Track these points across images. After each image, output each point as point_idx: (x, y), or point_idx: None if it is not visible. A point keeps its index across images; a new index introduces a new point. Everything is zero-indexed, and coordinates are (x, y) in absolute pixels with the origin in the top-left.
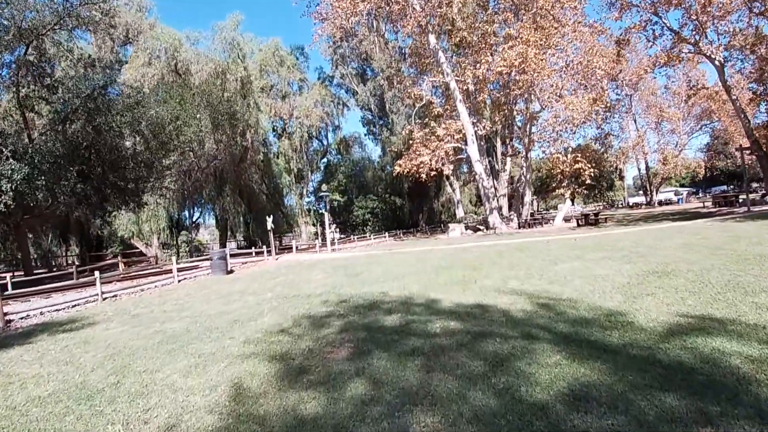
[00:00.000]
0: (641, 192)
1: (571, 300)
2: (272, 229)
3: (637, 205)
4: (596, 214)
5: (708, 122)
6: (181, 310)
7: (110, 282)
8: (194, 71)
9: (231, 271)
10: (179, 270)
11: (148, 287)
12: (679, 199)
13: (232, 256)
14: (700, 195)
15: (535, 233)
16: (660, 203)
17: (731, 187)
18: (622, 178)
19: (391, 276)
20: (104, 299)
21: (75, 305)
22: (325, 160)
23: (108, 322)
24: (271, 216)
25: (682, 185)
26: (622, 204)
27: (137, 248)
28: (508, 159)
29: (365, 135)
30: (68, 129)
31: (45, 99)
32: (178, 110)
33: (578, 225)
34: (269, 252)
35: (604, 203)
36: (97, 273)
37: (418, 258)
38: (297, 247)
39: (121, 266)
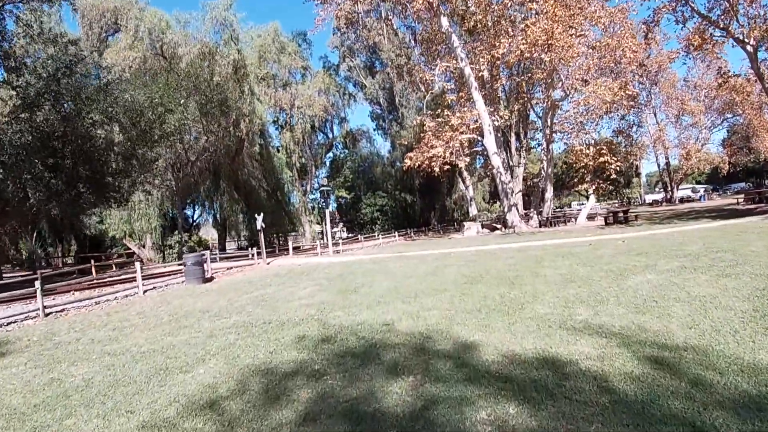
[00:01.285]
0: (657, 189)
1: (695, 349)
2: (263, 228)
3: (656, 203)
4: (625, 212)
5: (731, 116)
6: (111, 341)
7: (68, 291)
8: (182, 54)
9: (210, 279)
10: (151, 276)
11: (107, 299)
12: (701, 197)
13: (222, 258)
14: (720, 192)
15: (560, 233)
16: (680, 200)
17: (749, 184)
18: (638, 174)
19: (400, 293)
20: (48, 314)
21: (12, 322)
22: (330, 154)
23: (17, 354)
24: (261, 214)
25: (698, 182)
26: (638, 202)
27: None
28: (523, 154)
29: (374, 130)
30: (36, 117)
31: (9, 83)
32: (159, 95)
33: (606, 223)
34: (261, 255)
35: (620, 201)
36: (37, 283)
37: (435, 265)
38: (294, 249)
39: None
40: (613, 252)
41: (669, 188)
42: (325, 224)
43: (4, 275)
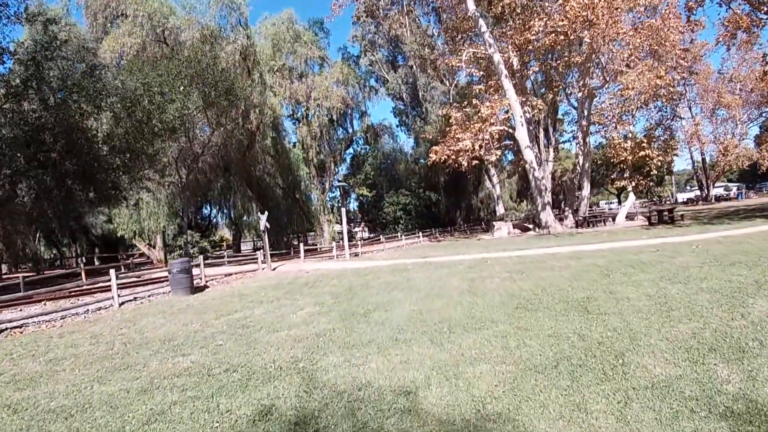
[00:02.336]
0: (688, 187)
1: None
2: (267, 229)
3: (691, 201)
4: (671, 210)
5: None
6: (28, 383)
7: (41, 301)
8: (184, 39)
9: (201, 288)
10: (139, 284)
11: (77, 311)
12: (738, 195)
13: (230, 261)
14: (754, 190)
15: (602, 234)
16: (716, 198)
17: None
18: (670, 172)
19: (428, 324)
20: None
21: None
22: (351, 150)
23: None
24: (265, 213)
25: (729, 180)
26: (669, 200)
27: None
28: (551, 150)
29: (397, 126)
30: (22, 107)
31: None
32: (158, 82)
33: (650, 223)
34: (266, 259)
35: (649, 200)
36: None
37: (470, 276)
38: (308, 251)
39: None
40: (695, 261)
41: (705, 186)
42: (342, 224)
43: None
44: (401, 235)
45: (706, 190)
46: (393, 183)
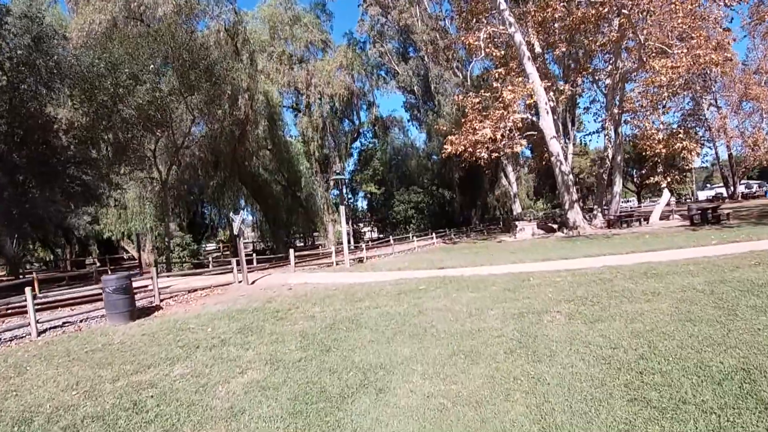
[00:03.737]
0: (708, 185)
1: None
2: (241, 233)
3: (717, 199)
4: (715, 209)
5: None
6: None
7: None
8: (161, 15)
9: (149, 310)
10: (82, 302)
11: None
12: (767, 191)
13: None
14: None
15: (644, 236)
16: (743, 196)
17: None
18: (689, 168)
19: None
20: None
21: None
22: (358, 144)
23: None
24: (240, 214)
25: (749, 177)
26: (689, 198)
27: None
28: (570, 145)
29: (408, 121)
30: None
31: None
32: (125, 60)
33: (692, 223)
34: (241, 270)
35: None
36: None
37: (516, 310)
38: (303, 257)
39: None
40: None
41: (731, 183)
42: (341, 225)
43: None
44: (413, 236)
45: (732, 187)
46: (404, 180)
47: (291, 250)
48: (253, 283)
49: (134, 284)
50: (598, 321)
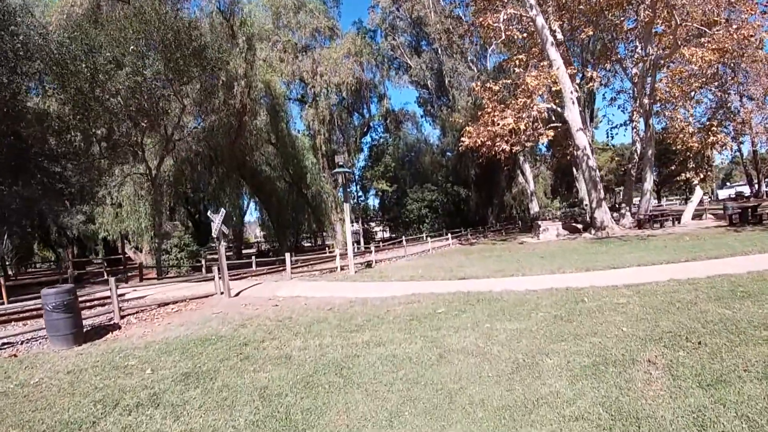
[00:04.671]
0: (728, 183)
1: None
2: (222, 236)
3: (741, 197)
4: (755, 208)
5: None
6: None
7: None
8: None
9: (103, 330)
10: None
11: None
12: None
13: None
14: None
15: (684, 238)
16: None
17: None
18: (711, 165)
19: None
20: None
21: None
22: (368, 139)
23: None
24: (221, 212)
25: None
26: (709, 197)
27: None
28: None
29: (421, 116)
30: None
31: None
32: (101, 40)
33: (731, 224)
34: (222, 279)
35: (685, 198)
36: None
37: (587, 359)
38: (303, 262)
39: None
40: None
41: (756, 181)
42: (345, 226)
43: None
44: (426, 237)
45: (757, 185)
46: (417, 177)
47: (288, 255)
48: (237, 294)
49: (104, 294)
50: (720, 383)
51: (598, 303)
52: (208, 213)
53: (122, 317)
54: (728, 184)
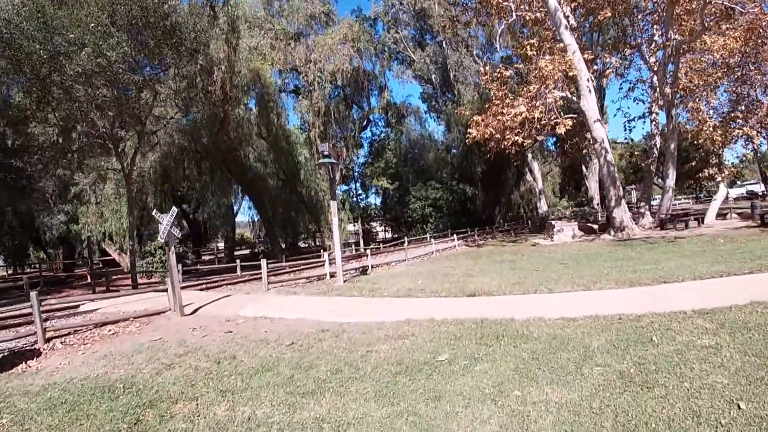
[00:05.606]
0: (738, 181)
1: None
2: (172, 240)
3: (756, 196)
4: None
5: None
6: None
7: None
8: None
9: (20, 357)
10: None
11: None
12: None
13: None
14: None
15: (718, 242)
16: None
17: None
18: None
19: None
20: None
21: None
22: (368, 134)
23: None
24: (173, 211)
25: None
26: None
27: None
28: None
29: (425, 112)
30: None
31: None
32: (61, 18)
33: (763, 224)
34: (174, 294)
35: (695, 196)
36: None
37: None
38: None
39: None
40: None
41: None
42: (333, 228)
43: None
44: (430, 238)
45: None
46: (421, 174)
47: (263, 261)
48: (194, 312)
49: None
50: None
51: (675, 346)
52: (153, 212)
53: (48, 340)
54: (738, 182)
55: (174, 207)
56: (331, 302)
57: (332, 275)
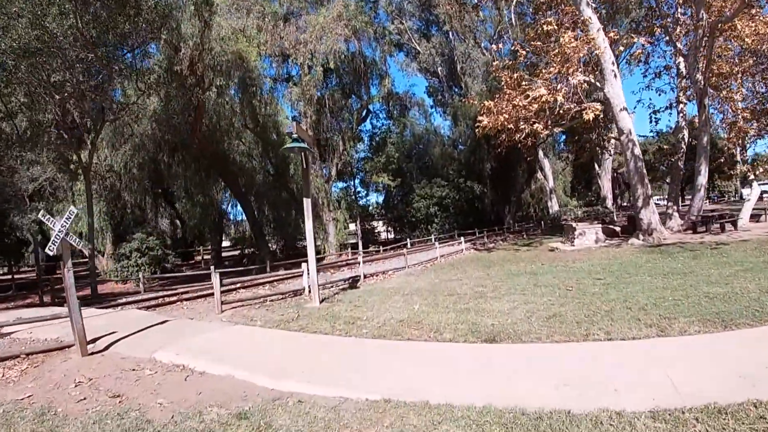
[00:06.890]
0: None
1: None
2: (68, 254)
3: None
4: None
5: None
6: None
7: None
8: None
9: None
10: None
11: None
12: None
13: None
14: None
15: (764, 246)
16: None
17: None
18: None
19: None
20: None
21: None
22: (369, 127)
23: None
24: (71, 211)
25: None
26: (732, 196)
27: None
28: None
29: (431, 107)
30: None
31: None
32: None
33: None
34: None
35: (708, 197)
36: None
37: None
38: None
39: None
40: None
41: None
42: (306, 231)
43: None
44: (435, 240)
45: None
46: (425, 171)
47: (216, 275)
48: (106, 348)
49: None
50: None
51: None
52: (39, 214)
53: None
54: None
55: (73, 208)
56: (287, 341)
57: (310, 292)
